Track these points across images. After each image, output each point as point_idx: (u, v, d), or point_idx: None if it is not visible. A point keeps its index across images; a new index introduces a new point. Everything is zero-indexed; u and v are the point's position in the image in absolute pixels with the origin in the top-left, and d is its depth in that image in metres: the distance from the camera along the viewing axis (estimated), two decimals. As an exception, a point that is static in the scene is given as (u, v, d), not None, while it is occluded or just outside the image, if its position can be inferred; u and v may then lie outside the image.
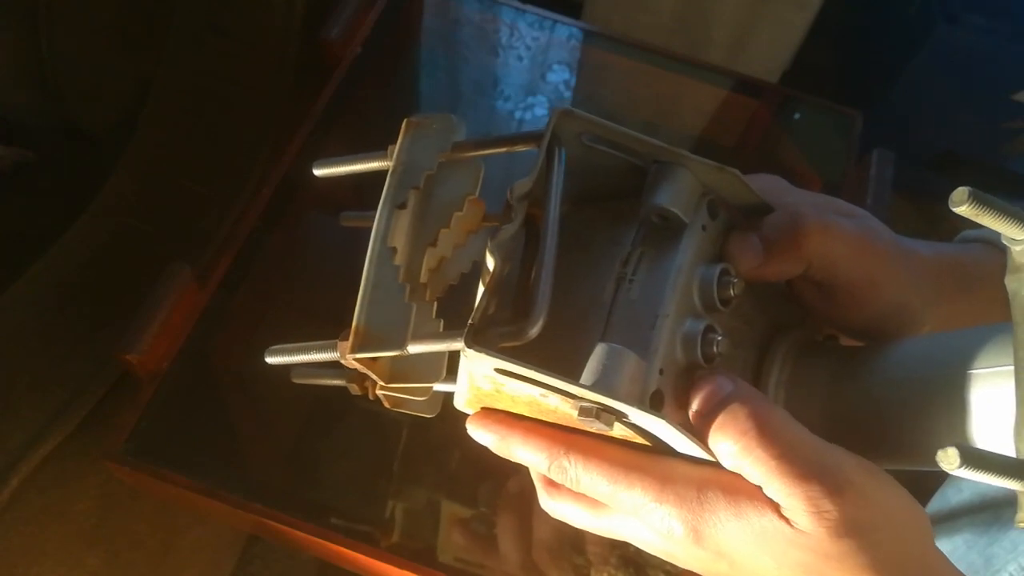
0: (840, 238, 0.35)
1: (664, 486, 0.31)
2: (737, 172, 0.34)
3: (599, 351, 0.30)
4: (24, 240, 0.64)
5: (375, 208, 0.35)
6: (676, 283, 0.33)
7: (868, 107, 0.84)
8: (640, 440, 0.32)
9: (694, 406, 0.32)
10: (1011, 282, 0.30)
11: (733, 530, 0.30)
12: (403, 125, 0.36)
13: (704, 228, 0.35)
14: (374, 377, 0.33)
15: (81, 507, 0.60)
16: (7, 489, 0.55)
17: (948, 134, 1.16)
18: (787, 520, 0.29)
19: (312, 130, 0.70)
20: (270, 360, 0.37)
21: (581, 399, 0.29)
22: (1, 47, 0.67)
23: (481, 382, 0.32)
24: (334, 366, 0.36)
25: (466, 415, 0.36)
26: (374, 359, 0.32)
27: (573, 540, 0.58)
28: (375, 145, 0.39)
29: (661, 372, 0.31)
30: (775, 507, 0.30)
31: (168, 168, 0.68)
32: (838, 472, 0.29)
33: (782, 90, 0.87)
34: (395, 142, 0.38)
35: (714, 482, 0.31)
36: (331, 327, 0.33)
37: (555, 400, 0.31)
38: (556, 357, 0.31)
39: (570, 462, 0.33)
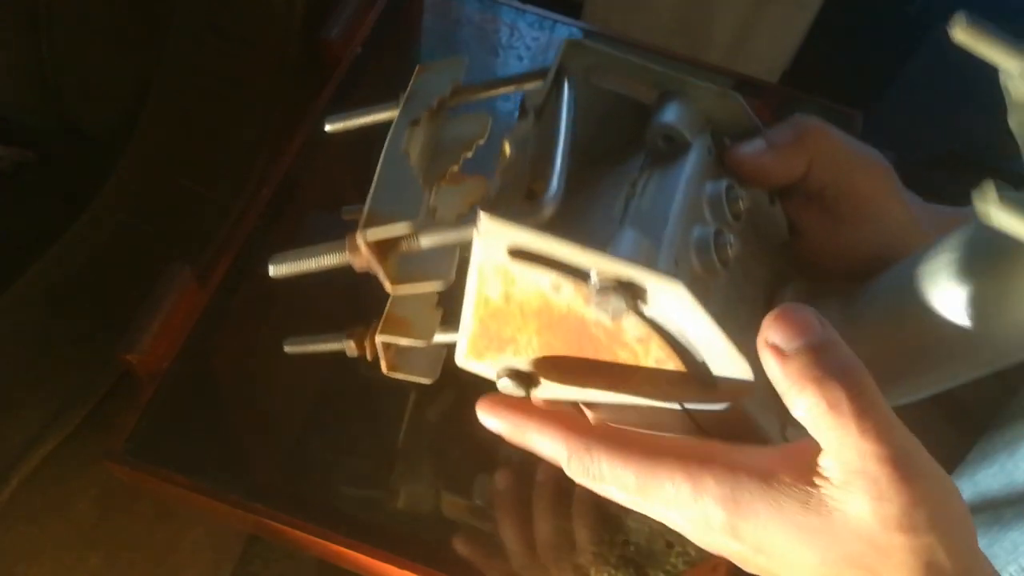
0: (841, 143, 0.36)
1: (697, 481, 0.29)
2: (740, 97, 0.35)
3: (615, 238, 0.29)
4: (24, 240, 0.64)
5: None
6: (686, 190, 0.33)
7: (868, 107, 0.84)
8: (666, 362, 0.30)
9: (773, 336, 0.28)
10: (1014, 123, 0.29)
11: (772, 526, 0.29)
12: (415, 70, 0.37)
13: (709, 151, 0.36)
14: (382, 277, 0.32)
15: (81, 507, 0.60)
16: (7, 488, 0.55)
17: (948, 134, 1.16)
18: (834, 506, 0.27)
19: (312, 130, 0.70)
20: (274, 271, 0.37)
21: (596, 280, 0.28)
22: (1, 47, 0.67)
23: (491, 285, 0.30)
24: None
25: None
26: (384, 248, 0.31)
27: (573, 539, 0.58)
28: (375, 145, 0.39)
29: (677, 264, 0.30)
30: (818, 487, 0.28)
31: (168, 168, 0.68)
32: (912, 463, 0.27)
33: (782, 90, 0.87)
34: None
35: (751, 471, 0.29)
36: (331, 327, 0.33)
37: (567, 294, 0.29)
38: None
39: (592, 458, 0.31)
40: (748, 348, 0.29)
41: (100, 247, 0.63)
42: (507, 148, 0.32)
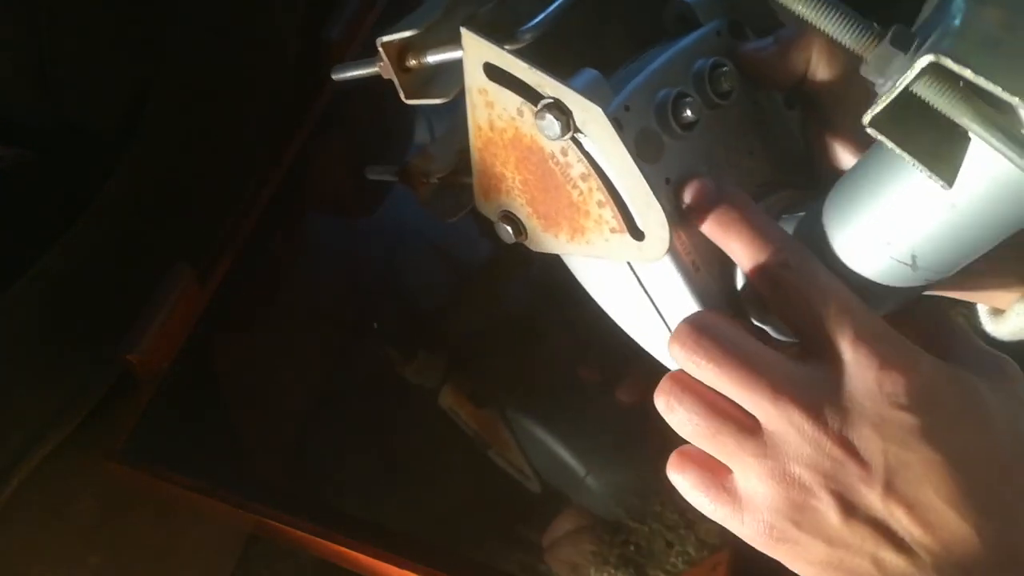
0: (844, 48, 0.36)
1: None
2: None
3: (577, 73, 0.32)
4: (24, 240, 0.64)
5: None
6: (672, 57, 0.35)
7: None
8: (605, 207, 0.33)
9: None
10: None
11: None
12: None
13: (719, 34, 0.37)
14: (398, 86, 0.39)
15: (81, 507, 0.60)
16: (7, 489, 0.55)
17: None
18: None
19: (312, 130, 0.70)
20: (335, 76, 0.44)
21: (543, 98, 0.31)
22: (1, 47, 0.67)
23: (479, 110, 0.34)
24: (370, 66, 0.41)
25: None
26: (401, 60, 0.38)
27: (573, 540, 0.58)
28: (375, 145, 0.41)
29: (627, 109, 0.33)
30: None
31: (168, 168, 0.67)
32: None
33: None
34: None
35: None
36: (332, 327, 0.34)
37: (529, 120, 0.33)
38: None
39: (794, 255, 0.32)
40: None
41: (100, 247, 0.63)
42: None
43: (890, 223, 0.30)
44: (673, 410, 0.32)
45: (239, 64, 0.72)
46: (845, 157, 0.36)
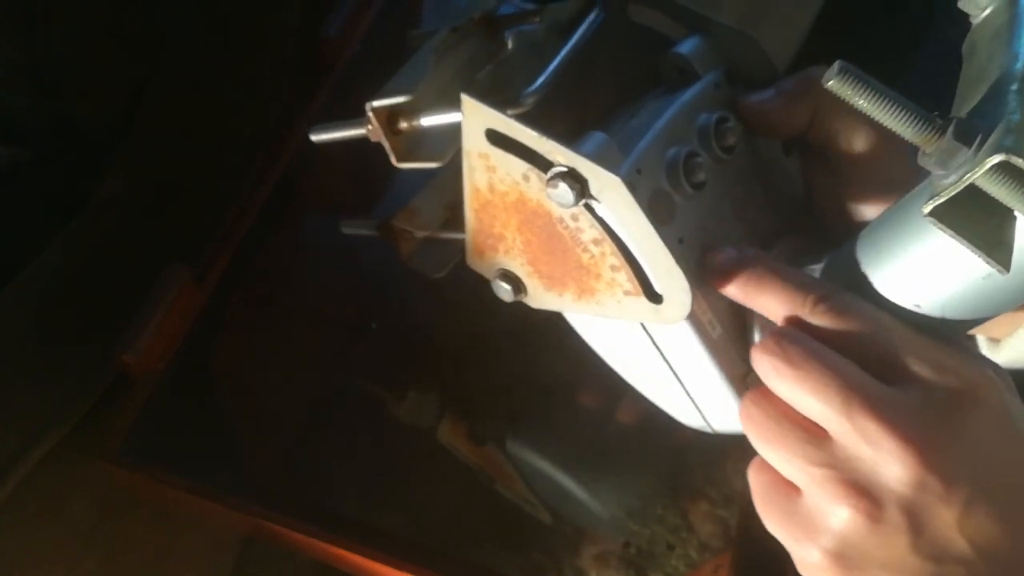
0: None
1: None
2: (756, 39, 0.37)
3: (585, 138, 0.32)
4: (21, 239, 0.64)
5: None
6: (676, 113, 0.35)
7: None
8: (619, 271, 0.32)
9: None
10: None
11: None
12: None
13: (717, 86, 0.37)
14: (388, 150, 0.38)
15: (78, 509, 0.60)
16: (3, 491, 0.55)
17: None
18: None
19: (311, 129, 0.70)
20: (315, 137, 0.43)
21: (552, 165, 0.31)
22: (-2, 46, 0.66)
23: (478, 173, 0.33)
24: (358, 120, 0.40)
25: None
26: (393, 123, 0.37)
27: (573, 541, 0.58)
28: (375, 144, 0.41)
29: (639, 171, 0.32)
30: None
31: (166, 168, 0.67)
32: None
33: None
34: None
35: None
36: (331, 327, 0.34)
37: (535, 186, 0.32)
38: None
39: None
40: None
41: (97, 247, 0.63)
42: (509, 42, 0.35)
43: (923, 286, 0.30)
44: (751, 416, 0.32)
45: (237, 62, 0.71)
46: (852, 204, 0.36)
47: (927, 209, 0.26)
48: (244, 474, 0.62)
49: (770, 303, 0.32)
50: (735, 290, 0.33)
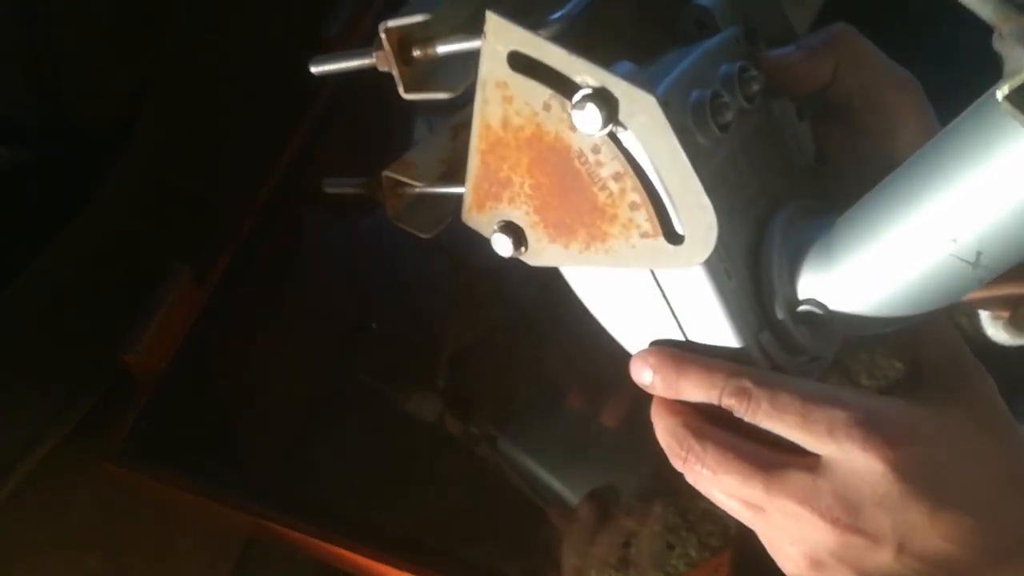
0: (871, 49, 0.36)
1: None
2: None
3: (613, 65, 0.30)
4: (22, 240, 0.64)
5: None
6: (698, 59, 0.34)
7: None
8: (639, 209, 0.31)
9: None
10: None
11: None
12: None
13: (737, 41, 0.36)
14: (398, 79, 0.36)
15: (79, 508, 0.60)
16: (5, 490, 0.55)
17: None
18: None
19: (311, 129, 0.70)
20: (315, 69, 0.40)
21: (578, 90, 0.29)
22: (-1, 46, 0.66)
23: (492, 107, 0.32)
24: (361, 50, 0.38)
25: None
26: (405, 51, 0.35)
27: (573, 540, 0.58)
28: (375, 145, 0.40)
29: (667, 105, 0.30)
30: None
31: (167, 168, 0.67)
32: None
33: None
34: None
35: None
36: (331, 327, 0.34)
37: (556, 115, 0.31)
38: None
39: (759, 390, 0.32)
40: (722, 230, 0.31)
41: (99, 247, 0.63)
42: None
43: (964, 216, 0.28)
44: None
45: (238, 62, 0.71)
46: (873, 160, 0.36)
47: (1002, 94, 0.24)
48: (245, 473, 0.62)
49: (689, 388, 0.34)
50: (657, 379, 0.35)
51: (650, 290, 0.35)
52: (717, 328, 0.34)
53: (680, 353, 0.34)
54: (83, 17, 0.68)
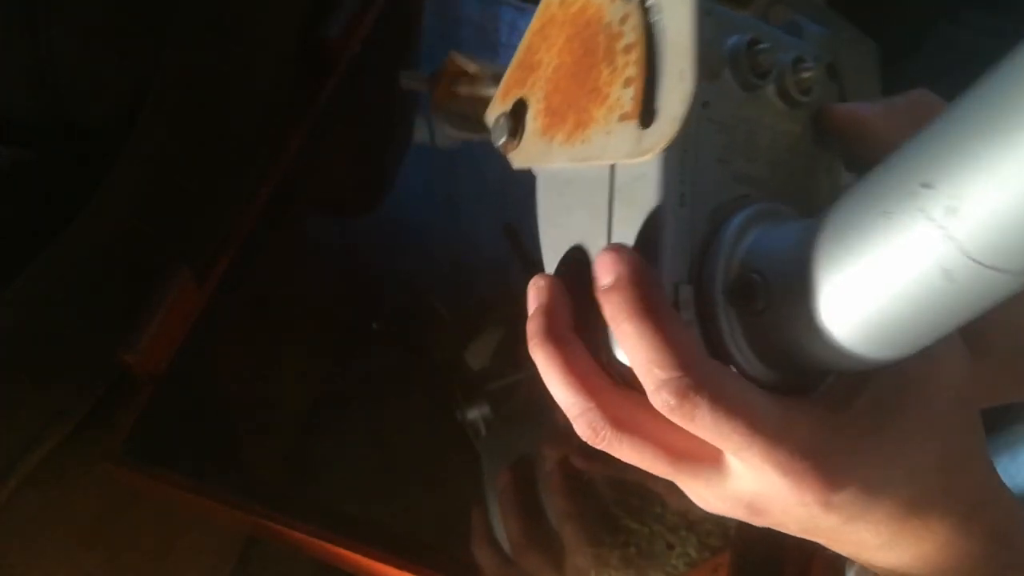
0: None
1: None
2: (872, 47, 0.36)
3: None
4: (22, 240, 0.64)
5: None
6: (755, 21, 0.33)
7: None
8: (631, 85, 0.30)
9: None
10: None
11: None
12: None
13: (818, 51, 0.35)
14: None
15: (79, 508, 0.60)
16: (5, 490, 0.55)
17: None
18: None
19: (312, 130, 0.70)
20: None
21: None
22: (0, 46, 0.66)
23: None
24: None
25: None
26: None
27: (573, 540, 0.58)
28: (375, 145, 0.40)
29: (708, 14, 0.30)
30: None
31: (167, 168, 0.67)
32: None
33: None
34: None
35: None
36: (331, 327, 0.33)
37: None
38: None
39: (697, 393, 0.27)
40: (702, 169, 0.30)
41: (99, 247, 0.63)
42: None
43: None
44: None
45: (238, 63, 0.71)
46: None
47: None
48: (245, 473, 0.62)
49: (633, 344, 0.28)
50: (612, 303, 0.29)
51: (602, 196, 0.32)
52: (643, 255, 0.30)
53: (653, 294, 0.29)
54: (84, 17, 0.68)
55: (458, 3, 0.83)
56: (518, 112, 0.35)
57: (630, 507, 0.58)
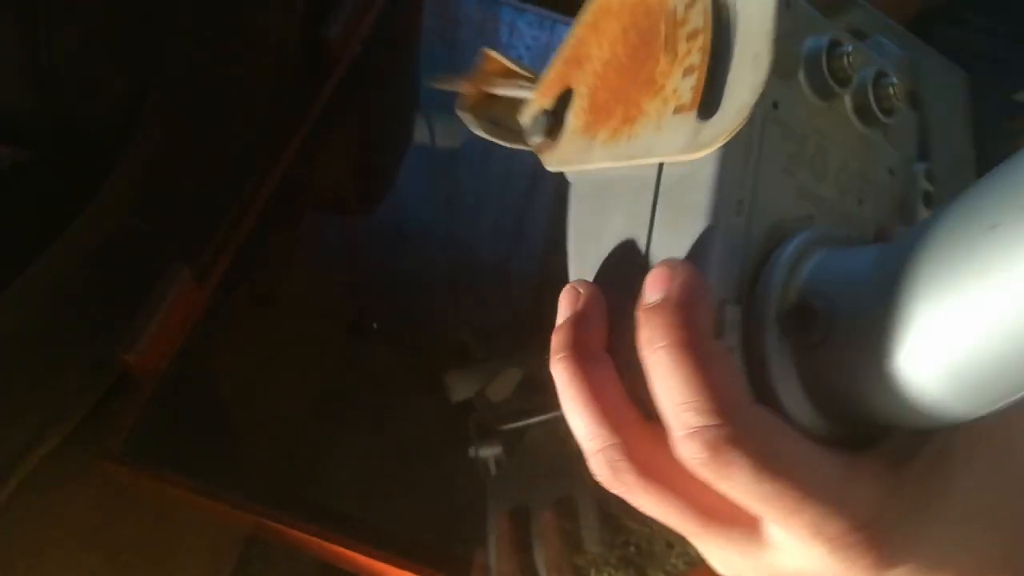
0: None
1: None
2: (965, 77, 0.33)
3: None
4: (22, 240, 0.64)
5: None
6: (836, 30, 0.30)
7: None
8: (692, 73, 0.26)
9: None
10: None
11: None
12: None
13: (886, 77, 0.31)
14: None
15: (80, 508, 0.60)
16: (6, 489, 0.55)
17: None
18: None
19: (312, 130, 0.70)
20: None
21: None
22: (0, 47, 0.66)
23: None
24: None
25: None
26: None
27: (573, 540, 0.58)
28: (375, 145, 0.40)
29: (788, 5, 0.27)
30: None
31: (167, 168, 0.67)
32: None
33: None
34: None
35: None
36: (332, 327, 0.33)
37: None
38: None
39: (734, 448, 0.23)
40: (767, 182, 0.26)
41: (99, 247, 0.63)
42: None
43: None
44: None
45: (238, 63, 0.71)
46: None
47: None
48: (245, 473, 0.62)
49: (669, 384, 0.24)
50: (672, 308, 0.24)
51: (639, 212, 0.29)
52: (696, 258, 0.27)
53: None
54: (83, 18, 0.68)
55: (458, 3, 0.83)
56: (558, 110, 0.32)
57: (630, 507, 0.58)
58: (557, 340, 0.27)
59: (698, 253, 0.26)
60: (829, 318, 0.24)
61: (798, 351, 0.25)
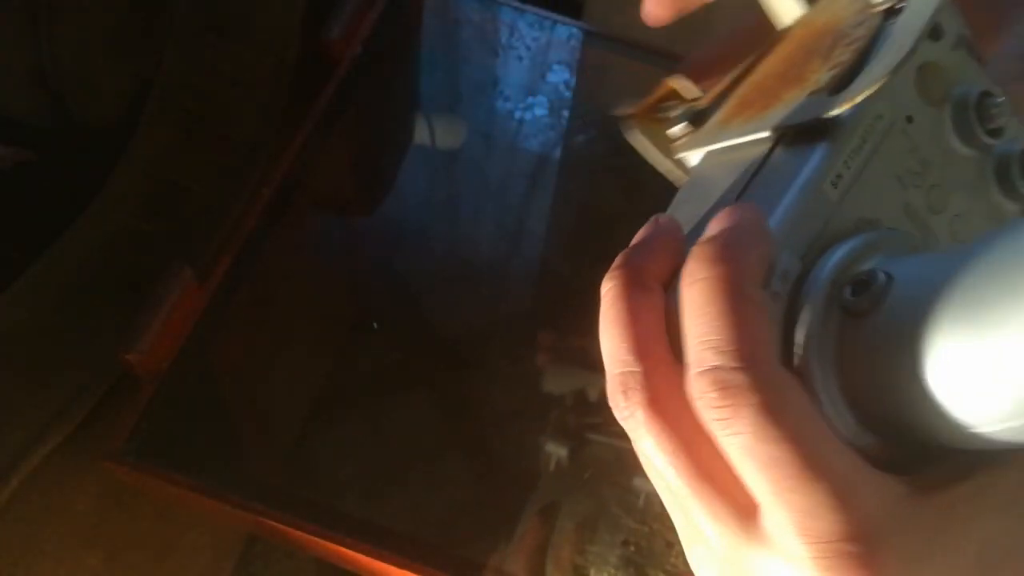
0: None
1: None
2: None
3: None
4: (23, 240, 0.64)
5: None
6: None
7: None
8: (840, 58, 0.28)
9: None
10: None
11: None
12: None
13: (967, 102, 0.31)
14: None
15: (81, 507, 0.60)
16: (7, 489, 0.55)
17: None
18: None
19: (312, 130, 0.70)
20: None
21: None
22: (1, 47, 0.66)
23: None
24: None
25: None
26: None
27: (573, 539, 0.58)
28: (375, 145, 0.39)
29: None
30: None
31: (168, 168, 0.67)
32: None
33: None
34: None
35: None
36: (332, 326, 0.33)
37: (859, 4, 0.29)
38: None
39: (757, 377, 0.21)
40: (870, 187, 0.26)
41: (100, 247, 0.63)
42: None
43: None
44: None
45: (239, 63, 0.72)
46: None
47: None
48: (247, 472, 0.62)
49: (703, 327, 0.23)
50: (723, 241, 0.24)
51: (738, 181, 0.29)
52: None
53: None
54: (84, 18, 0.68)
55: (458, 4, 0.83)
56: (710, 110, 0.33)
57: (630, 506, 0.58)
58: (617, 260, 0.26)
59: (776, 201, 0.26)
60: (886, 286, 0.23)
61: (842, 321, 0.24)
